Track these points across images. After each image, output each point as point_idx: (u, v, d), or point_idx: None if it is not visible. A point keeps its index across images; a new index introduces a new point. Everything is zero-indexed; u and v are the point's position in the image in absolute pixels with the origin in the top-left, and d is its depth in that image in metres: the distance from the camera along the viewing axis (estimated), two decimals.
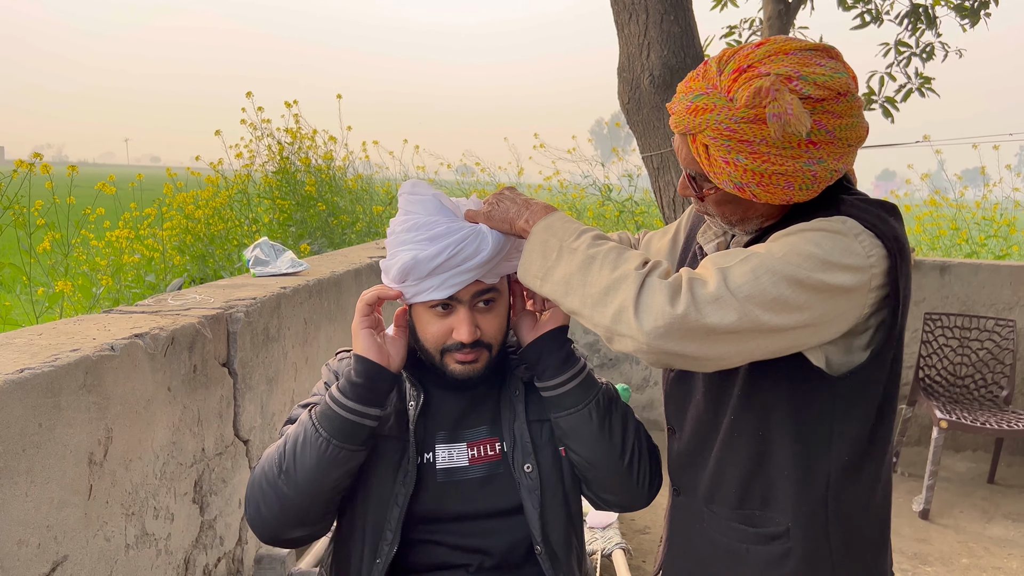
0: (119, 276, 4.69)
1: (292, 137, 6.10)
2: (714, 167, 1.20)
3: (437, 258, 1.39)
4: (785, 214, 1.29)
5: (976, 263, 4.75)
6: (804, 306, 1.13)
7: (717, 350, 1.11)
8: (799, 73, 1.15)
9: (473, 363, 1.47)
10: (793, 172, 1.16)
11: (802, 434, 1.27)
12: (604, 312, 1.14)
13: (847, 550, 1.32)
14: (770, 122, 1.12)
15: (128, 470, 1.56)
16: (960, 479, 4.43)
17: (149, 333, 1.64)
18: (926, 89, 5.96)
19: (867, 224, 1.17)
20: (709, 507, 1.39)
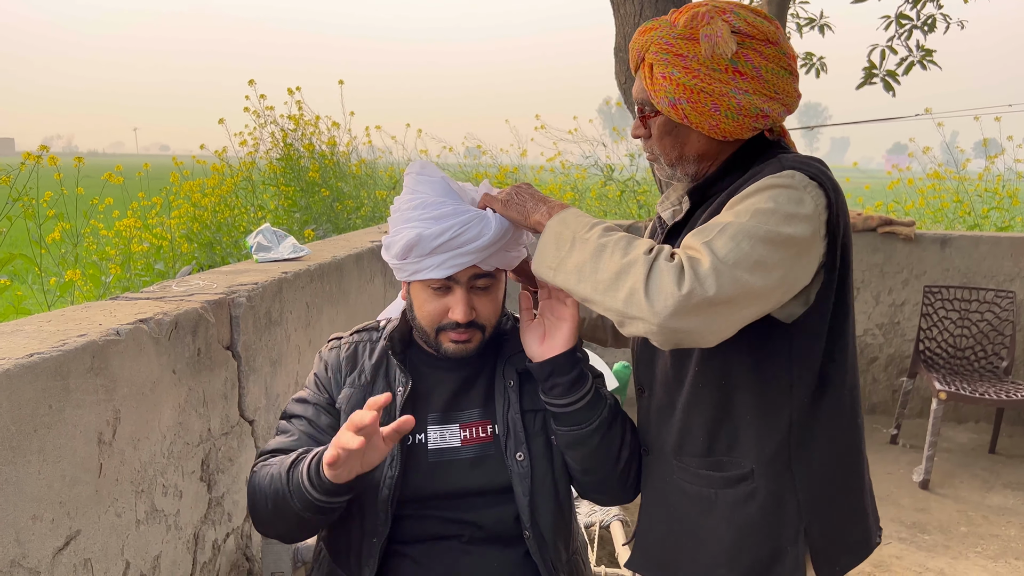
0: (129, 265, 4.77)
1: (295, 124, 6.15)
2: (655, 85, 1.36)
3: (441, 237, 1.44)
4: (724, 165, 1.43)
5: (977, 235, 4.77)
6: (779, 263, 1.22)
7: (718, 322, 1.19)
8: (733, 9, 1.35)
9: (467, 343, 1.53)
10: (719, 94, 1.32)
11: (762, 380, 1.36)
12: (616, 296, 1.21)
13: (814, 489, 1.41)
14: (702, 41, 1.31)
15: (136, 449, 1.63)
16: (961, 450, 4.47)
17: (153, 318, 1.71)
18: (927, 62, 5.94)
19: (811, 175, 1.29)
20: (678, 459, 1.48)
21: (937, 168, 6.48)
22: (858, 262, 4.79)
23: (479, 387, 1.61)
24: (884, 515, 3.62)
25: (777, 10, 5.60)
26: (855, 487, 1.49)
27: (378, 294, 3.32)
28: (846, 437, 1.45)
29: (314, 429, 1.59)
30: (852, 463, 1.48)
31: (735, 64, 1.32)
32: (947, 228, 6.13)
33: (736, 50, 1.31)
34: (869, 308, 4.83)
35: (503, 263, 1.53)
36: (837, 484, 1.45)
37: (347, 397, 1.59)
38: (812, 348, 1.37)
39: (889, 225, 4.74)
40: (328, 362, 1.64)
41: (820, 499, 1.42)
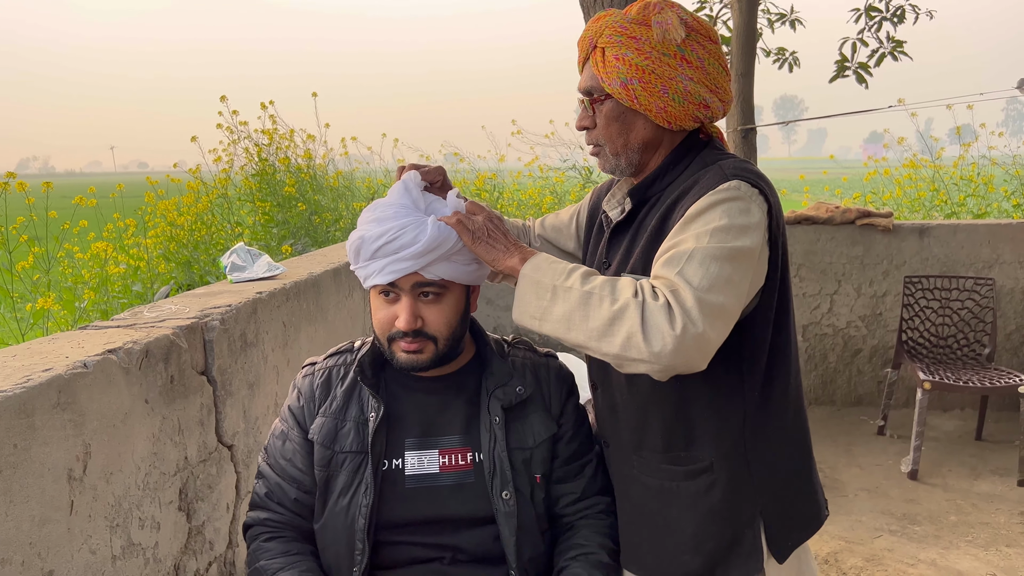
0: (105, 287, 4.71)
1: (269, 138, 6.10)
2: (607, 67, 1.43)
3: (379, 240, 1.44)
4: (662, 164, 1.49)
5: (955, 223, 4.80)
6: (743, 276, 1.30)
7: (709, 348, 1.25)
8: (680, 6, 1.46)
9: (418, 353, 1.50)
10: (669, 78, 1.41)
11: (715, 377, 1.40)
12: (612, 342, 1.25)
13: (768, 475, 1.50)
14: (654, 27, 1.40)
15: (109, 483, 1.59)
16: (948, 438, 4.49)
17: (122, 347, 1.67)
18: (898, 53, 5.98)
19: (752, 183, 1.37)
20: (638, 454, 1.54)
21: (912, 157, 6.51)
22: (838, 254, 4.80)
23: (458, 411, 1.58)
24: (874, 507, 3.63)
25: (747, 5, 5.61)
26: (804, 467, 1.58)
27: (357, 309, 3.29)
28: (794, 422, 1.54)
29: (294, 468, 1.59)
30: (800, 445, 1.57)
31: (683, 52, 1.41)
32: (925, 218, 6.16)
33: (684, 39, 1.41)
34: (851, 300, 4.84)
35: (452, 274, 1.49)
36: (788, 466, 1.54)
37: (319, 427, 1.57)
38: (760, 342, 1.45)
39: (867, 217, 4.75)
40: (301, 391, 1.62)
41: (773, 482, 1.50)
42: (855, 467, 4.12)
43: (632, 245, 1.50)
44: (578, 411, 1.68)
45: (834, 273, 4.82)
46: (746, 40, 5.62)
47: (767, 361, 1.46)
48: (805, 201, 6.91)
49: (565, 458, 1.63)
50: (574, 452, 1.64)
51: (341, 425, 1.56)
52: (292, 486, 1.60)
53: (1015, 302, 4.74)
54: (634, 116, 1.46)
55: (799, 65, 6.60)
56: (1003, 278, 4.70)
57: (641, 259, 1.45)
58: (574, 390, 1.70)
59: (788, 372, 1.51)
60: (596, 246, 1.66)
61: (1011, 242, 4.68)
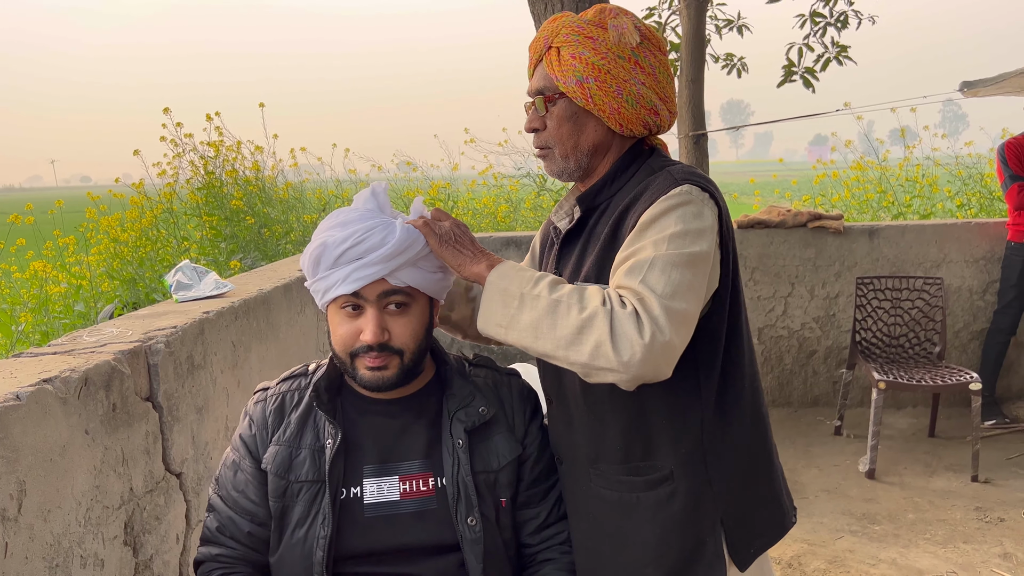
0: (46, 308, 4.53)
1: (215, 150, 5.95)
2: (563, 66, 1.44)
3: (343, 244, 1.38)
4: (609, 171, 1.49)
5: (902, 224, 4.88)
6: (701, 281, 1.30)
7: (675, 356, 1.25)
8: (633, 15, 1.48)
9: (383, 369, 1.44)
10: (623, 79, 1.42)
11: (672, 386, 1.38)
12: (580, 350, 1.23)
13: (727, 480, 1.47)
14: (610, 29, 1.43)
15: (47, 521, 1.49)
16: (903, 435, 4.56)
17: (59, 376, 1.58)
18: (843, 57, 6.09)
19: (703, 187, 1.37)
20: (595, 467, 1.50)
21: (859, 160, 6.63)
22: (791, 257, 4.85)
23: (418, 434, 1.52)
24: (835, 508, 3.65)
25: (696, 13, 5.66)
26: (764, 473, 1.56)
27: (310, 325, 3.20)
28: (753, 427, 1.53)
29: (246, 500, 1.52)
30: (760, 451, 1.55)
31: (636, 57, 1.44)
32: (873, 219, 6.27)
33: (638, 44, 1.44)
34: (805, 302, 4.89)
35: (417, 281, 1.44)
36: (748, 473, 1.52)
37: (273, 455, 1.50)
38: (714, 349, 1.44)
39: (818, 220, 4.81)
40: (253, 418, 1.55)
41: (733, 489, 1.48)
42: (814, 468, 4.15)
43: (583, 254, 1.49)
44: (543, 431, 1.64)
45: (787, 276, 4.87)
46: (695, 46, 5.67)
47: (722, 366, 1.45)
48: (756, 205, 7.00)
49: (530, 481, 1.58)
50: (539, 474, 1.60)
51: (296, 453, 1.49)
52: (245, 519, 1.52)
53: (962, 300, 4.84)
54: (586, 117, 1.47)
55: (747, 70, 6.69)
56: (950, 277, 4.79)
57: (594, 267, 1.43)
58: (538, 409, 1.66)
59: (743, 376, 1.50)
60: (546, 258, 1.64)
61: (957, 241, 4.78)
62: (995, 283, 4.76)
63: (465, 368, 1.63)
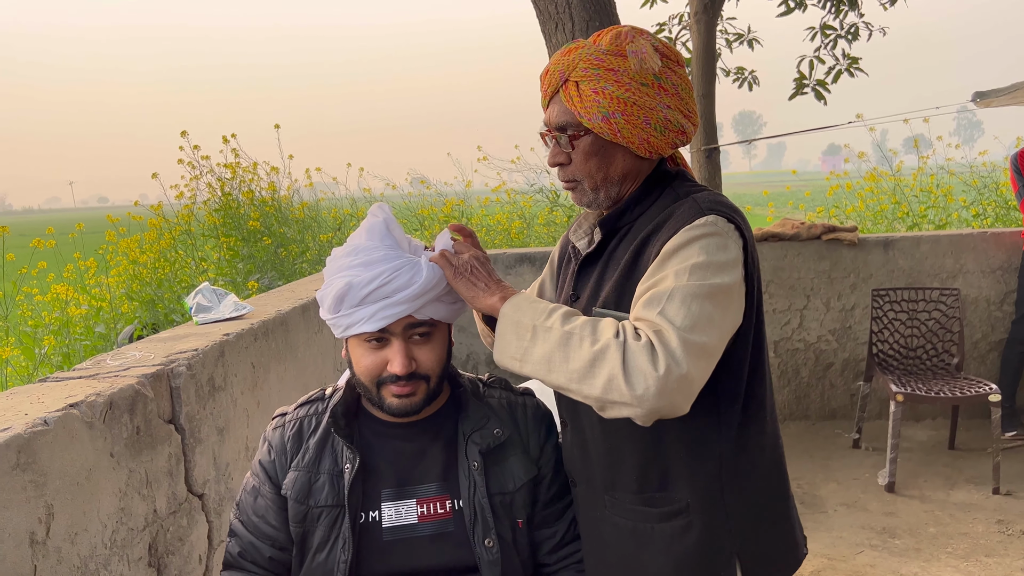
0: (67, 330, 4.59)
1: (232, 172, 6.03)
2: (585, 102, 1.38)
3: (370, 284, 1.38)
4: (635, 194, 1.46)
5: (917, 235, 4.86)
6: (723, 315, 1.27)
7: (693, 390, 1.21)
8: (649, 33, 1.43)
9: (411, 396, 1.46)
10: (649, 107, 1.37)
11: (690, 419, 1.35)
12: (593, 384, 1.20)
13: (745, 514, 1.44)
14: (630, 57, 1.36)
15: (75, 544, 1.52)
16: (922, 448, 4.53)
17: (85, 401, 1.61)
18: (854, 69, 6.10)
19: (728, 218, 1.34)
20: (610, 494, 1.48)
21: (872, 170, 6.62)
22: (806, 270, 4.84)
23: (435, 457, 1.53)
24: (854, 522, 3.63)
25: (706, 27, 5.69)
26: (780, 504, 1.53)
27: (327, 345, 3.23)
28: (771, 458, 1.50)
29: (267, 525, 1.54)
30: (777, 482, 1.52)
31: (659, 80, 1.38)
32: (888, 230, 6.26)
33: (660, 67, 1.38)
34: (820, 315, 4.88)
35: (440, 314, 1.46)
36: (765, 507, 1.49)
37: (293, 481, 1.51)
38: (736, 384, 1.40)
39: (833, 232, 4.80)
40: (272, 444, 1.57)
41: (750, 523, 1.45)
42: (832, 482, 4.12)
43: (602, 278, 1.46)
44: (558, 450, 1.64)
45: (803, 288, 4.86)
46: (706, 61, 5.70)
47: (744, 401, 1.42)
48: (770, 217, 6.99)
49: (546, 501, 1.59)
50: (555, 494, 1.60)
51: (315, 478, 1.51)
52: (266, 544, 1.54)
53: (980, 311, 4.81)
54: (614, 149, 1.42)
55: (758, 83, 6.71)
56: (967, 288, 4.77)
57: (613, 293, 1.40)
58: (553, 429, 1.66)
59: (763, 408, 1.47)
60: (565, 279, 1.61)
61: (973, 252, 4.76)
62: (1012, 293, 4.73)
63: (480, 389, 1.64)
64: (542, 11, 3.93)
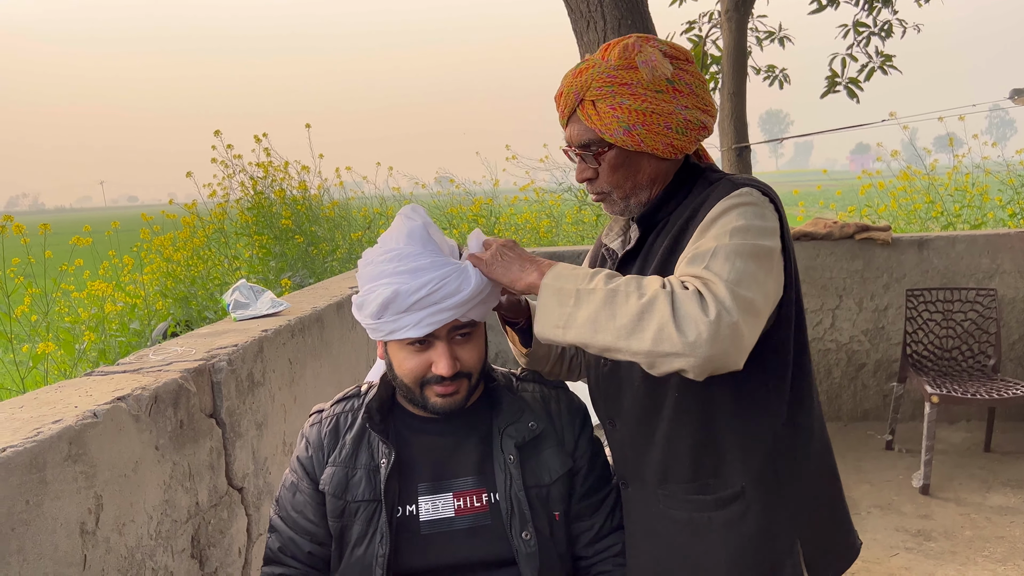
0: (103, 327, 4.66)
1: (264, 171, 6.09)
2: (604, 119, 1.40)
3: (418, 292, 1.38)
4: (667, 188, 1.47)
5: (953, 235, 4.80)
6: (766, 276, 1.26)
7: (745, 341, 1.19)
8: (654, 38, 1.44)
9: (454, 394, 1.47)
10: (668, 113, 1.39)
11: (741, 400, 1.37)
12: (643, 337, 1.17)
13: (801, 498, 1.44)
14: (641, 68, 1.38)
15: (122, 535, 1.55)
16: (957, 450, 4.47)
17: (131, 394, 1.64)
18: (888, 67, 6.02)
19: (762, 191, 1.36)
20: (663, 488, 1.47)
21: (906, 169, 6.54)
22: (838, 269, 4.80)
23: (470, 451, 1.54)
24: (888, 524, 3.59)
25: (737, 25, 5.66)
26: (836, 491, 1.53)
27: (361, 342, 3.26)
28: (820, 440, 1.49)
29: (305, 520, 1.56)
30: (830, 469, 1.52)
31: (672, 84, 1.40)
32: (921, 229, 6.17)
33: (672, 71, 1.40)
34: (853, 315, 4.83)
35: (481, 315, 1.47)
36: (820, 491, 1.49)
37: (330, 476, 1.53)
38: (783, 361, 1.40)
39: (866, 231, 4.76)
40: (309, 440, 1.59)
41: (809, 506, 1.45)
42: (866, 484, 4.08)
43: (643, 271, 1.46)
44: (593, 443, 1.65)
45: (835, 288, 4.81)
46: (736, 59, 5.66)
47: (792, 379, 1.42)
48: (800, 216, 6.93)
49: (582, 493, 1.60)
50: (592, 486, 1.61)
51: (352, 473, 1.53)
52: (305, 539, 1.56)
53: (1017, 311, 4.74)
54: (639, 157, 1.44)
55: (789, 82, 6.65)
56: (1004, 288, 4.70)
57: None
58: (587, 421, 1.66)
59: (811, 389, 1.47)
60: None
61: (1010, 251, 4.69)
62: None
63: (513, 383, 1.64)
64: (573, 9, 3.93)
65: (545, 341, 1.31)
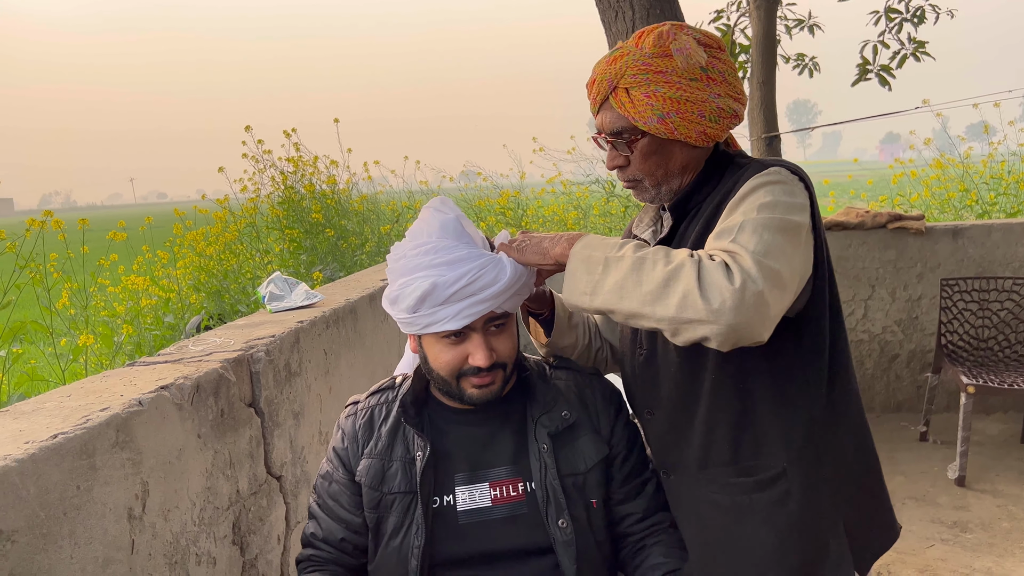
0: (138, 320, 4.74)
1: (294, 166, 6.15)
2: (638, 107, 1.40)
3: (456, 284, 1.39)
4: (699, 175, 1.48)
5: (988, 223, 4.72)
6: (793, 250, 1.27)
7: (770, 313, 1.20)
8: (687, 27, 1.44)
9: (490, 385, 1.49)
10: (702, 101, 1.39)
11: (777, 380, 1.37)
12: (667, 303, 1.19)
13: (841, 477, 1.44)
14: (675, 56, 1.38)
15: (167, 520, 1.58)
16: (993, 442, 4.41)
17: (174, 383, 1.67)
18: (921, 53, 5.93)
19: (792, 170, 1.37)
20: (704, 472, 1.48)
21: (939, 157, 6.44)
22: (871, 259, 4.74)
23: (505, 441, 1.56)
24: (923, 516, 3.56)
25: (766, 14, 5.60)
26: (875, 471, 1.53)
27: (393, 333, 3.29)
28: (857, 419, 1.49)
29: (341, 509, 1.59)
30: (869, 447, 1.52)
31: (706, 72, 1.40)
32: (955, 218, 6.08)
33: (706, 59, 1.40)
34: (886, 305, 4.78)
35: (515, 305, 1.50)
36: (861, 471, 1.49)
37: (366, 468, 1.56)
38: (818, 340, 1.41)
39: (899, 220, 4.70)
40: (345, 431, 1.62)
41: (851, 486, 1.45)
42: (900, 475, 4.04)
43: None
44: (629, 428, 1.65)
45: (867, 278, 4.76)
46: (765, 48, 5.61)
47: (829, 357, 1.42)
48: (831, 207, 6.85)
49: (622, 479, 1.60)
50: (631, 471, 1.61)
51: (388, 465, 1.55)
52: (340, 526, 1.60)
53: None
54: (671, 145, 1.45)
55: (819, 70, 6.57)
56: None
57: None
58: (623, 407, 1.67)
59: (848, 368, 1.47)
60: None
61: None
62: None
63: (547, 372, 1.65)
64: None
65: (572, 308, 1.34)
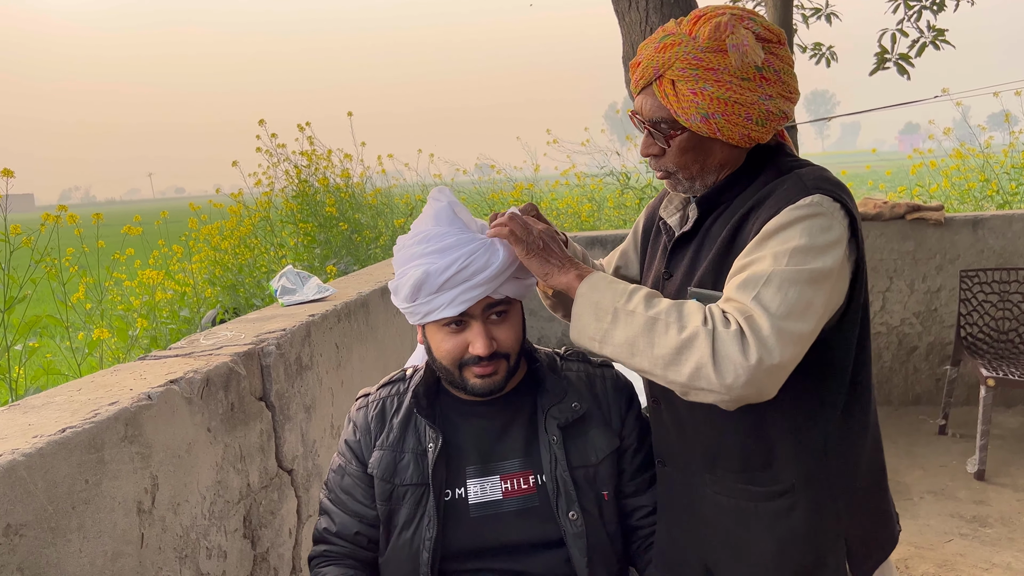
0: (154, 314, 4.77)
1: (308, 160, 6.15)
2: (682, 102, 1.32)
3: (448, 270, 1.39)
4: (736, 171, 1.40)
5: (1009, 214, 4.65)
6: (822, 299, 1.23)
7: (781, 377, 1.21)
8: (749, 15, 1.33)
9: (493, 375, 1.47)
10: (751, 103, 1.30)
11: (794, 398, 1.32)
12: (679, 371, 1.19)
13: (850, 496, 1.41)
14: (731, 52, 1.28)
15: (177, 514, 1.59)
16: (1013, 435, 4.35)
17: (184, 377, 1.67)
18: (940, 41, 5.84)
19: (835, 197, 1.29)
20: (712, 473, 1.45)
21: (959, 148, 6.35)
22: (889, 251, 4.69)
23: (516, 434, 1.55)
24: (942, 510, 3.52)
25: (782, 2, 5.53)
26: (882, 486, 1.50)
27: (405, 326, 3.28)
28: (873, 437, 1.46)
29: (354, 502, 1.59)
30: (879, 462, 1.49)
31: (761, 71, 1.31)
32: (976, 209, 6.00)
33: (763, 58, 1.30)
34: (904, 297, 4.72)
35: (515, 291, 1.47)
36: (870, 487, 1.46)
37: (378, 460, 1.55)
38: (843, 360, 1.36)
39: (918, 211, 4.63)
40: (357, 424, 1.61)
41: (857, 504, 1.42)
42: (918, 469, 4.00)
43: (698, 256, 1.42)
44: (640, 421, 1.64)
45: (885, 270, 4.71)
46: None
47: (849, 381, 1.38)
48: None
49: (633, 471, 1.59)
50: (642, 464, 1.60)
51: (400, 457, 1.54)
52: (354, 520, 1.59)
53: None
54: (711, 142, 1.37)
55: (836, 59, 6.49)
56: None
57: (710, 272, 1.36)
58: (634, 399, 1.65)
59: (869, 386, 1.43)
60: (654, 256, 1.57)
61: None
62: None
63: (557, 363, 1.64)
64: None
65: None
